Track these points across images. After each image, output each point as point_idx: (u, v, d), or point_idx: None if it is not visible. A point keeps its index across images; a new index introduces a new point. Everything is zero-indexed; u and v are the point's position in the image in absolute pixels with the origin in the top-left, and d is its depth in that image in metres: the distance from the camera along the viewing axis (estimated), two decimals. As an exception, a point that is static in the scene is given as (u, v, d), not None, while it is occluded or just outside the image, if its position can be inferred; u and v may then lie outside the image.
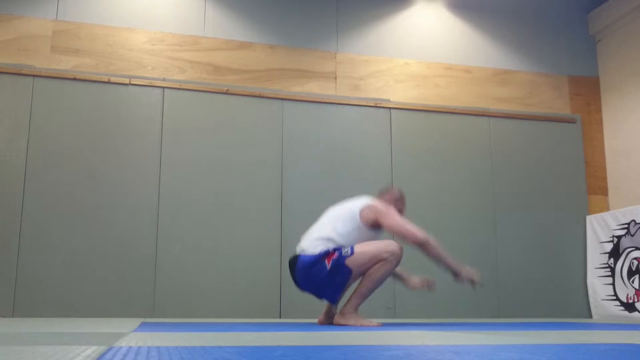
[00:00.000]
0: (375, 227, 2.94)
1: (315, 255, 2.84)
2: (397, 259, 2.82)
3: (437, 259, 2.89)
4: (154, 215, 4.20)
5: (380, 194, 3.17)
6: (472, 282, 2.92)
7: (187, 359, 1.04)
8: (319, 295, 2.95)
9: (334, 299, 2.94)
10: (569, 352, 1.25)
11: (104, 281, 4.04)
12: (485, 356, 1.11)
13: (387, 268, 2.80)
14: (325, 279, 2.82)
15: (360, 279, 2.88)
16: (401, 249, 2.84)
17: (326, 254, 2.83)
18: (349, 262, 2.80)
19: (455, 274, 2.93)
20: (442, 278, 4.66)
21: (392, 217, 2.90)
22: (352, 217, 2.93)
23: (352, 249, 2.83)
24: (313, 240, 2.91)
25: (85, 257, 4.04)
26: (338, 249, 2.85)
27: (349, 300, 2.87)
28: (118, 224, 4.14)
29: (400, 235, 2.88)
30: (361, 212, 2.93)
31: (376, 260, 2.80)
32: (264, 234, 4.37)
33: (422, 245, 2.84)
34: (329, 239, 2.88)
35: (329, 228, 2.92)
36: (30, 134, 4.10)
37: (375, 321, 2.89)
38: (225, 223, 4.32)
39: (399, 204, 3.12)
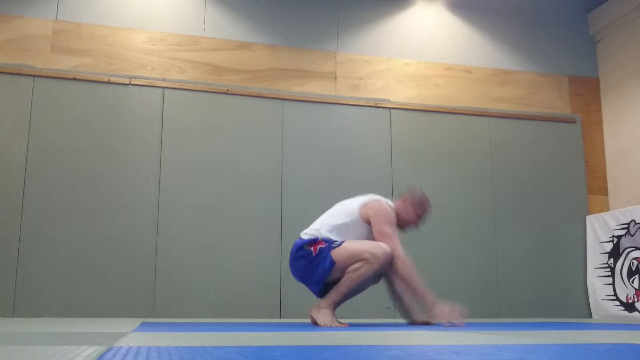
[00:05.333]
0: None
1: (305, 241, 2.87)
2: (379, 262, 2.72)
3: (407, 285, 2.80)
4: (154, 215, 4.20)
5: (403, 193, 3.07)
6: (451, 322, 2.72)
7: (187, 359, 1.04)
8: (305, 282, 2.93)
9: (316, 291, 2.91)
10: (569, 352, 1.25)
11: (104, 281, 4.04)
12: (485, 356, 1.11)
13: (366, 269, 2.73)
14: (309, 266, 2.82)
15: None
16: (387, 254, 2.74)
17: (314, 241, 2.84)
18: (334, 253, 2.78)
19: (428, 310, 2.77)
20: (442, 278, 4.67)
21: (381, 223, 2.84)
22: (352, 212, 2.93)
23: (341, 242, 2.82)
24: (310, 229, 2.95)
25: (85, 257, 4.04)
26: (328, 240, 2.84)
27: (328, 295, 2.84)
28: (118, 224, 4.14)
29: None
30: (361, 207, 2.92)
31: (357, 258, 2.74)
32: (264, 234, 4.37)
33: (392, 260, 2.76)
34: (325, 230, 2.89)
35: (327, 221, 2.94)
36: (30, 134, 4.10)
37: (344, 322, 2.82)
38: (225, 223, 4.32)
39: (417, 208, 3.00)
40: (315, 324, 2.80)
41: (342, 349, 1.31)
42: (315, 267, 2.81)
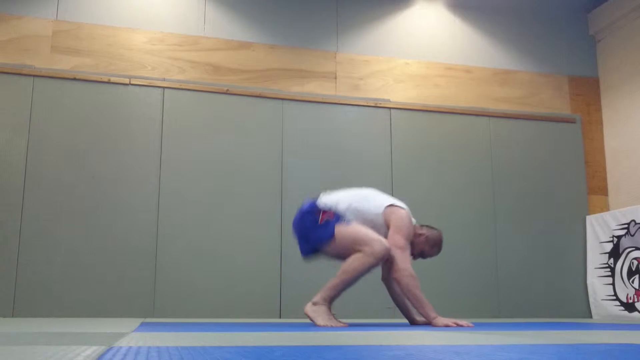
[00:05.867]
0: (387, 227, 2.92)
1: (317, 207, 2.89)
2: (376, 257, 2.72)
3: (409, 297, 2.81)
4: (154, 215, 4.20)
5: (423, 224, 3.06)
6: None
7: (187, 359, 1.04)
8: (299, 240, 2.96)
9: (303, 252, 2.95)
10: (569, 352, 1.25)
11: (104, 281, 4.04)
12: (485, 356, 1.11)
13: (362, 262, 2.72)
14: (311, 230, 2.86)
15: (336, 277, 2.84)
16: (386, 250, 2.74)
17: (325, 211, 2.87)
18: (337, 228, 2.80)
19: (428, 320, 2.80)
20: (442, 278, 4.67)
21: (398, 232, 2.83)
22: (378, 206, 2.91)
23: (349, 222, 2.84)
24: (330, 199, 2.92)
25: (85, 257, 4.04)
26: (339, 216, 2.86)
27: (322, 290, 2.83)
28: (118, 224, 4.14)
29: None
30: (388, 207, 2.91)
31: (356, 246, 2.74)
32: (264, 234, 4.37)
33: (398, 272, 2.77)
34: (342, 207, 2.88)
35: (349, 200, 2.92)
36: (30, 134, 4.10)
37: (343, 321, 2.82)
38: (225, 223, 4.32)
39: (430, 244, 3.00)
40: (311, 320, 2.79)
41: (342, 349, 1.31)
42: (314, 232, 2.85)
